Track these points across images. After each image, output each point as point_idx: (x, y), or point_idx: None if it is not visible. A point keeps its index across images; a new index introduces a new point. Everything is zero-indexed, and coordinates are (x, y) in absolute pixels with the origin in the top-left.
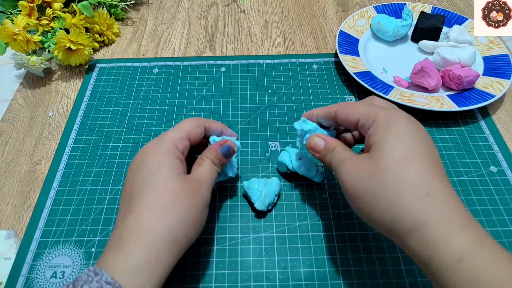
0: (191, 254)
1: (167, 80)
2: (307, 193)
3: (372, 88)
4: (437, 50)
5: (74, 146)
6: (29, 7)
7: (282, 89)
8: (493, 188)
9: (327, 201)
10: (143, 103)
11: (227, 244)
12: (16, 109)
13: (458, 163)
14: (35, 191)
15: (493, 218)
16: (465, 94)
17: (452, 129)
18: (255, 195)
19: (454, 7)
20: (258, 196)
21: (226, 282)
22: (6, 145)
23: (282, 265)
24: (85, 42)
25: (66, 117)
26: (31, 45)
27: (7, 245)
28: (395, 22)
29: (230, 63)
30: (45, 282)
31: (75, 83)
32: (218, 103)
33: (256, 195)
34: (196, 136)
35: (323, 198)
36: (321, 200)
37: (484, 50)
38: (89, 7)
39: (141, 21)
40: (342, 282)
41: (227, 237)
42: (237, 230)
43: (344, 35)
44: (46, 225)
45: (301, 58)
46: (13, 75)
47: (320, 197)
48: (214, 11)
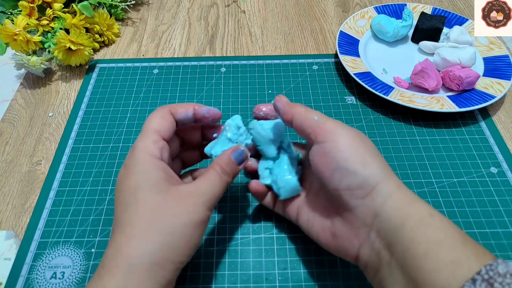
0: None
1: (167, 81)
2: None
3: (372, 88)
4: (438, 51)
5: (74, 146)
6: (29, 7)
7: (282, 89)
8: (493, 189)
9: None
10: (143, 104)
11: (227, 245)
12: (16, 109)
13: (458, 164)
14: (35, 191)
15: (493, 219)
16: (465, 95)
17: (452, 130)
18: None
19: (455, 8)
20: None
21: (226, 283)
22: (6, 145)
23: (282, 266)
24: (85, 43)
25: (66, 118)
26: (31, 45)
27: (7, 245)
28: (396, 22)
29: (230, 63)
30: (45, 282)
31: (75, 83)
32: (218, 103)
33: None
34: (168, 129)
35: None
36: None
37: (485, 51)
38: (89, 8)
39: (141, 21)
40: (341, 284)
41: (227, 238)
42: (237, 231)
43: (344, 35)
44: (46, 225)
45: (301, 58)
46: (13, 75)
47: None
48: (214, 12)
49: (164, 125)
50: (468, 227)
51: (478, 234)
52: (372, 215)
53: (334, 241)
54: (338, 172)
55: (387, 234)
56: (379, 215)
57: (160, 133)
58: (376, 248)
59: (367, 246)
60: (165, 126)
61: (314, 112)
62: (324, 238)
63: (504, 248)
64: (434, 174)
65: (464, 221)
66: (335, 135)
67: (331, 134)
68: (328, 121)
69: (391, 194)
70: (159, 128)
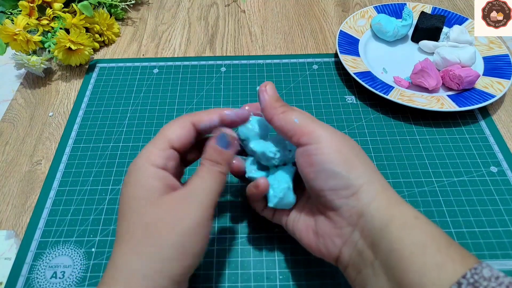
0: None
1: (167, 80)
2: None
3: (372, 88)
4: (437, 50)
5: (74, 146)
6: (29, 7)
7: (282, 89)
8: (494, 188)
9: None
10: (143, 103)
11: (227, 244)
12: (16, 109)
13: (458, 163)
14: (35, 191)
15: (493, 218)
16: (465, 94)
17: (452, 129)
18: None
19: (454, 7)
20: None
21: (226, 282)
22: (6, 145)
23: (282, 265)
24: (85, 42)
25: (66, 117)
26: (31, 45)
27: (7, 245)
28: (396, 22)
29: (230, 63)
30: (45, 282)
31: (75, 83)
32: (218, 103)
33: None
34: (184, 140)
35: None
36: None
37: (484, 50)
38: (89, 7)
39: (141, 21)
40: (342, 282)
41: (227, 237)
42: (238, 230)
43: (344, 35)
44: (46, 225)
45: (301, 58)
46: (13, 75)
47: None
48: (214, 11)
49: (180, 135)
50: (468, 226)
51: (478, 233)
52: (357, 215)
53: (316, 240)
54: (323, 174)
55: (371, 234)
56: (364, 215)
57: (171, 141)
58: (359, 248)
59: (349, 246)
60: (180, 136)
61: (295, 113)
62: (307, 236)
63: (505, 247)
64: (434, 173)
65: (464, 220)
66: (318, 137)
67: (314, 136)
68: (310, 123)
69: (376, 195)
70: (172, 136)
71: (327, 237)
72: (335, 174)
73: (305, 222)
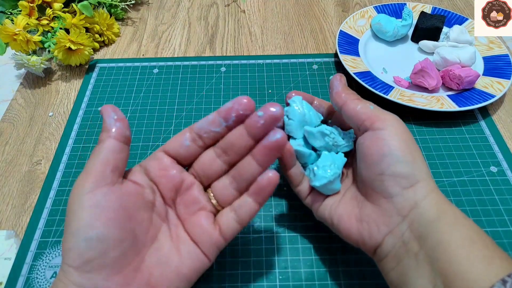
0: None
1: (167, 80)
2: None
3: (372, 88)
4: (437, 50)
5: (74, 146)
6: (29, 7)
7: (282, 89)
8: (493, 188)
9: None
10: (143, 103)
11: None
12: (16, 109)
13: (458, 163)
14: (35, 191)
15: (493, 218)
16: (465, 94)
17: (452, 129)
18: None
19: (454, 7)
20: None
21: (226, 282)
22: (6, 145)
23: (282, 265)
24: (85, 42)
25: (66, 117)
26: (31, 45)
27: (7, 245)
28: (395, 22)
29: (230, 63)
30: (45, 282)
31: (75, 83)
32: (218, 103)
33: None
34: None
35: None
36: None
37: (484, 50)
38: (89, 7)
39: (141, 21)
40: (342, 283)
41: None
42: None
43: (344, 35)
44: (46, 225)
45: (301, 58)
46: (13, 75)
47: None
48: (214, 11)
49: (116, 158)
50: None
51: None
52: (409, 206)
53: (358, 226)
54: (388, 158)
55: (420, 226)
56: (417, 207)
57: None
58: (404, 239)
59: (395, 235)
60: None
61: (367, 101)
62: (348, 221)
63: (504, 247)
64: (434, 173)
65: None
66: (391, 125)
67: (387, 124)
68: (382, 111)
69: (431, 192)
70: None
71: (373, 224)
72: (402, 162)
73: (347, 208)
